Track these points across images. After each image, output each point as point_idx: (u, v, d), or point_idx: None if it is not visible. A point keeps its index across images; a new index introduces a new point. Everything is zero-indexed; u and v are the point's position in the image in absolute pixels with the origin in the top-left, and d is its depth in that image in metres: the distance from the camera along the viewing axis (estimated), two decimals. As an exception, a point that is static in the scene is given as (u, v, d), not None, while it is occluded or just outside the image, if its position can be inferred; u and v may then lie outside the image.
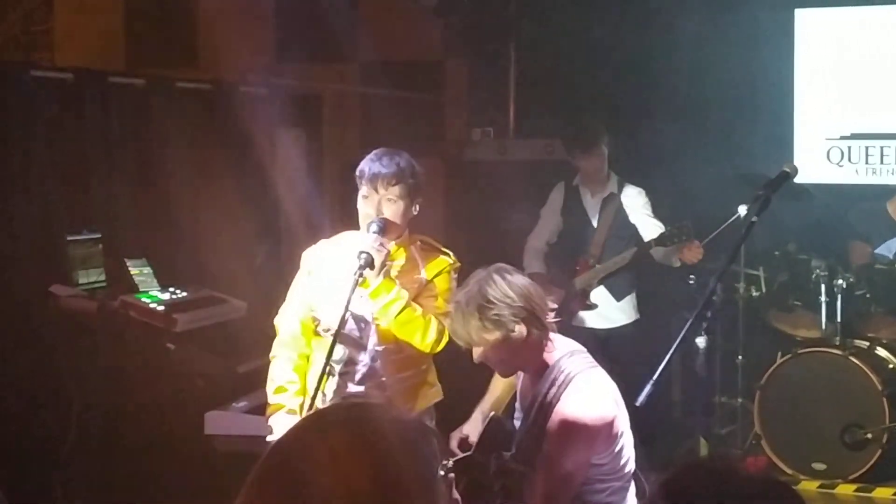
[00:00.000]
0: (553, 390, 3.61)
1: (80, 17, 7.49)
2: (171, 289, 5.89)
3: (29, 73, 5.87)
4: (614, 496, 3.66)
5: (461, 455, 3.69)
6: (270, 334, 4.29)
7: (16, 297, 5.46)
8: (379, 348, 4.09)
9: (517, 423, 3.85)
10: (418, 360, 4.16)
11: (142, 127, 6.38)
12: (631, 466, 3.72)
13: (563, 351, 3.70)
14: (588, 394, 3.58)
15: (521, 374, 3.85)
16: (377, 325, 4.07)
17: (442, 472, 3.38)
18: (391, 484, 1.57)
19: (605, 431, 3.56)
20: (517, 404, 3.88)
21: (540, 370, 3.67)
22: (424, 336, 4.02)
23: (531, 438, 3.67)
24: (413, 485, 1.60)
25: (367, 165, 4.08)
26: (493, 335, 3.57)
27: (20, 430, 5.21)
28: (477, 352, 3.64)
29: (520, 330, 3.58)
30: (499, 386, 4.14)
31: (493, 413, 3.97)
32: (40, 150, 5.77)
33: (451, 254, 4.25)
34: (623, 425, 3.62)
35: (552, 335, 3.71)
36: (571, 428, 3.53)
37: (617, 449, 3.63)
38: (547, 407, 3.61)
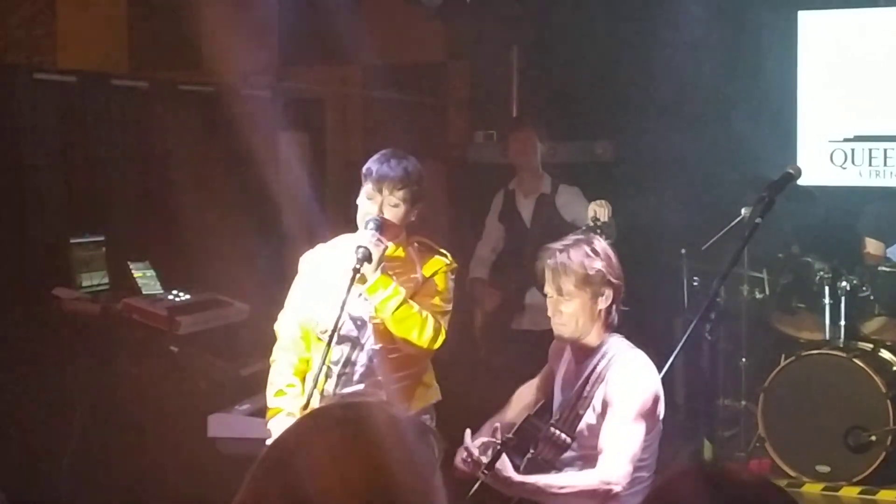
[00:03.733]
0: (604, 361, 3.72)
1: (83, 19, 7.48)
2: (174, 292, 5.89)
3: (32, 76, 5.87)
4: (634, 498, 3.66)
5: (493, 441, 3.69)
6: (273, 337, 4.29)
7: (19, 299, 5.45)
8: (376, 347, 4.08)
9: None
10: (415, 360, 4.16)
11: (145, 130, 6.38)
12: (649, 473, 3.73)
13: (615, 335, 3.81)
14: (639, 366, 3.71)
15: (565, 359, 3.87)
16: (374, 325, 4.07)
17: (500, 441, 3.43)
18: (388, 482, 1.58)
19: (656, 403, 3.66)
20: (556, 388, 3.90)
21: (590, 346, 3.78)
22: (422, 333, 4.01)
23: (576, 408, 3.74)
24: (411, 483, 1.60)
25: (375, 166, 4.07)
26: (586, 291, 3.71)
27: (23, 432, 5.20)
28: (558, 303, 3.74)
29: (607, 295, 3.71)
30: (517, 405, 4.16)
31: (527, 414, 3.99)
32: (43, 152, 5.77)
33: (448, 255, 4.26)
34: (662, 412, 3.68)
35: None
36: (627, 394, 3.63)
37: (651, 444, 3.66)
38: (596, 378, 3.71)
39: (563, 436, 3.74)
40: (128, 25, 8.32)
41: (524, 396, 4.18)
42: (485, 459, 3.54)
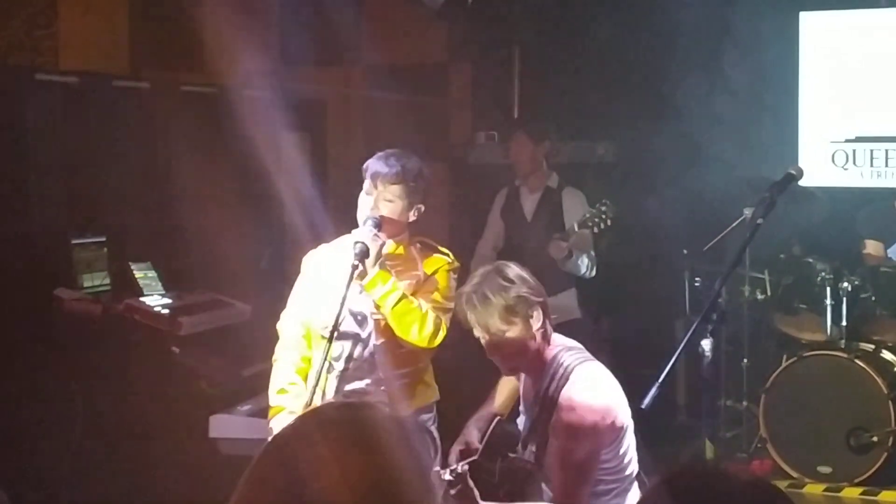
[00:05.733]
0: (553, 384, 3.62)
1: (84, 20, 7.47)
2: (176, 292, 5.89)
3: (33, 77, 5.88)
4: (617, 499, 3.66)
5: (467, 460, 3.69)
6: (275, 338, 4.29)
7: (21, 300, 5.46)
8: (377, 343, 4.09)
9: (521, 427, 3.86)
10: (416, 357, 4.17)
11: (146, 130, 6.39)
12: (634, 468, 3.72)
13: (559, 346, 3.72)
14: (589, 384, 3.60)
15: (523, 376, 3.86)
16: (376, 321, 4.08)
17: (451, 477, 3.42)
18: (387, 479, 1.59)
19: (610, 421, 3.56)
20: (521, 406, 3.89)
21: (539, 367, 3.69)
22: (422, 328, 4.02)
23: (536, 435, 3.69)
24: (409, 480, 1.62)
25: (373, 162, 4.13)
26: (516, 320, 3.59)
27: (25, 432, 5.21)
28: (491, 344, 3.64)
29: (537, 315, 3.61)
30: (503, 394, 4.15)
31: (497, 417, 3.98)
32: (45, 153, 5.77)
33: (449, 254, 4.28)
34: (626, 419, 3.62)
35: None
36: (576, 418, 3.53)
37: (622, 448, 3.63)
38: (549, 401, 3.62)
39: (530, 463, 3.72)
40: (129, 26, 8.31)
41: (507, 383, 4.15)
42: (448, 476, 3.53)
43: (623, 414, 3.61)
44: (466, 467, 3.56)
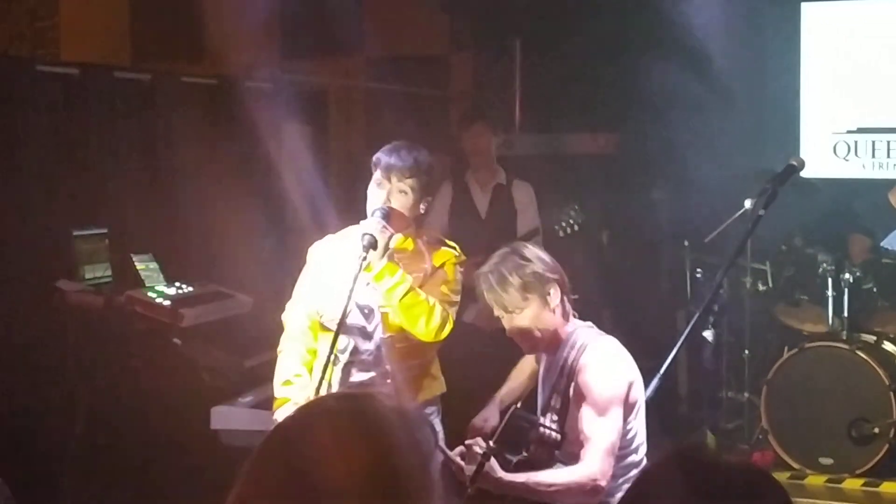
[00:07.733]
0: (573, 353, 3.72)
1: (85, 11, 7.48)
2: (178, 284, 5.89)
3: (34, 68, 5.87)
4: (623, 488, 3.67)
5: (491, 441, 3.72)
6: (277, 329, 4.29)
7: (22, 292, 5.46)
8: (384, 336, 4.09)
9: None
10: (423, 350, 4.17)
11: (147, 122, 6.38)
12: (642, 455, 3.75)
13: (578, 324, 3.82)
14: (607, 353, 3.71)
15: (542, 360, 3.88)
16: (382, 314, 4.08)
17: (480, 451, 3.47)
18: (388, 469, 1.61)
19: (627, 387, 3.66)
20: (539, 387, 3.91)
21: (558, 344, 3.78)
22: (429, 321, 4.02)
23: (556, 403, 3.75)
24: (410, 470, 1.63)
25: (384, 155, 4.11)
26: (532, 297, 3.69)
27: (27, 425, 5.21)
28: (511, 321, 3.73)
29: (554, 293, 3.70)
30: (519, 376, 4.18)
31: (514, 407, 4.00)
32: (46, 145, 5.77)
33: (456, 247, 4.28)
34: (640, 396, 3.67)
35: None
36: (596, 378, 3.63)
37: (631, 430, 3.65)
38: (568, 369, 3.71)
39: (553, 434, 3.75)
40: (130, 17, 8.32)
41: (525, 368, 4.19)
42: (466, 466, 3.56)
43: (637, 388, 3.71)
44: (493, 445, 3.60)
